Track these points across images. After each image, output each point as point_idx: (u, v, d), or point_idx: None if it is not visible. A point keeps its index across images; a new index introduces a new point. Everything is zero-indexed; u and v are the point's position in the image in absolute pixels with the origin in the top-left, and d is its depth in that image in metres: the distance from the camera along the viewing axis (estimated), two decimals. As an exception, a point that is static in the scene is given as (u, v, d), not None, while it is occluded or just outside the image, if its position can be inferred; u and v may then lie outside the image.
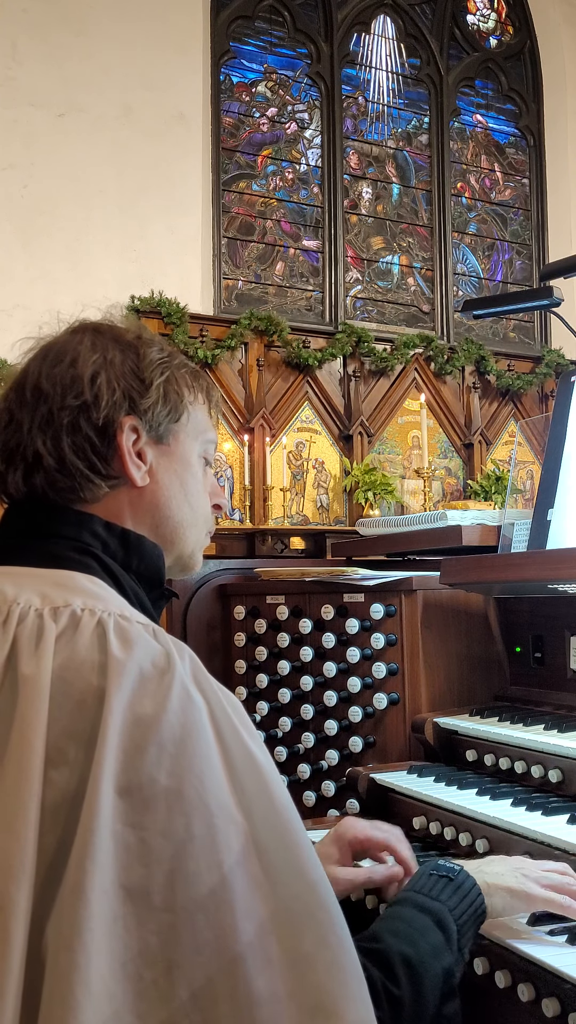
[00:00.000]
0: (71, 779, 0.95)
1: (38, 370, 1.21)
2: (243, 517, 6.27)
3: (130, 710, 0.97)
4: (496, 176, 8.16)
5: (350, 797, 2.20)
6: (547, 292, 2.88)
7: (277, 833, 0.99)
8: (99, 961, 0.89)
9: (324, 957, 0.96)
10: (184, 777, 0.96)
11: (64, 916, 0.91)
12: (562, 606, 2.11)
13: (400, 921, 1.23)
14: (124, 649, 1.01)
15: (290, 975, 0.94)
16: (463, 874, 1.33)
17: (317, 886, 0.99)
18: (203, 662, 1.08)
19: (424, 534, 2.69)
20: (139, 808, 0.94)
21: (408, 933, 1.20)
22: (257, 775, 1.00)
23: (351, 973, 0.97)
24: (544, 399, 7.47)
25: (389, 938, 1.18)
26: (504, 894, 1.36)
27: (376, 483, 6.29)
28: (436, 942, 1.20)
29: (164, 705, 0.98)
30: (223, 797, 0.97)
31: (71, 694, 0.98)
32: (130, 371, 1.22)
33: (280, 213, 7.23)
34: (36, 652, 1.01)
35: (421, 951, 1.17)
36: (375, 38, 7.71)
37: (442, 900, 1.27)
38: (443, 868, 1.34)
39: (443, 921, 1.23)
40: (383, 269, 7.60)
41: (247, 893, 0.95)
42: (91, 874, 0.91)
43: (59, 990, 0.88)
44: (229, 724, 1.01)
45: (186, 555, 1.31)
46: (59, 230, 6.08)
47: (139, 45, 6.41)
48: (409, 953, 1.15)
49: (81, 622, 1.04)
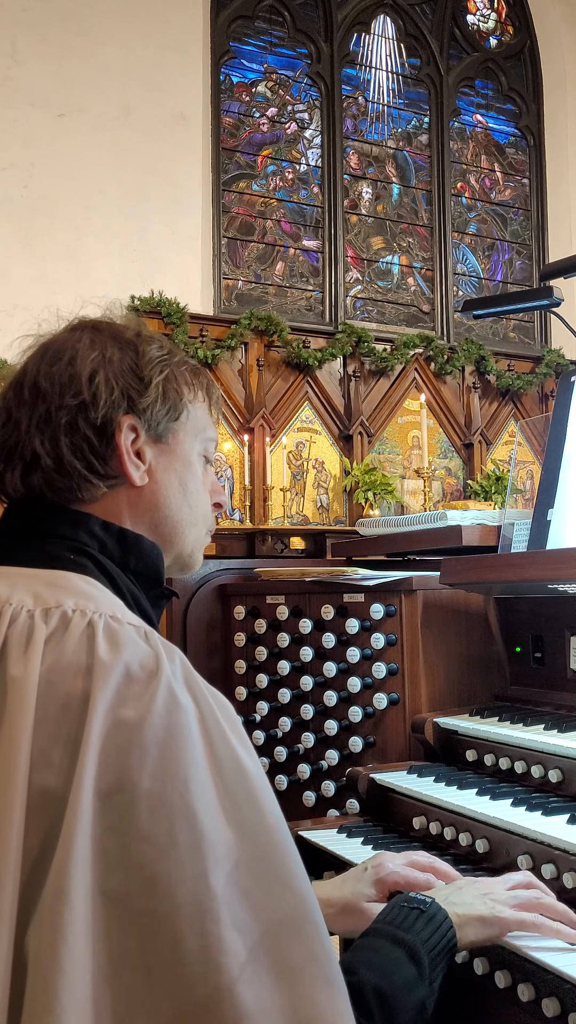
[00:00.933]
0: (56, 783, 0.94)
1: (36, 368, 1.20)
2: (243, 517, 6.27)
3: (113, 711, 0.96)
4: (496, 176, 8.16)
5: (350, 797, 2.20)
6: (547, 292, 2.88)
7: (267, 843, 0.97)
8: (82, 966, 0.88)
9: (313, 969, 0.94)
10: (168, 781, 0.94)
11: (46, 920, 0.90)
12: (562, 606, 2.11)
13: (373, 953, 1.21)
14: (112, 651, 1.00)
15: (279, 987, 0.91)
16: (434, 906, 1.31)
17: (305, 897, 0.97)
18: (203, 662, 1.08)
19: (424, 534, 2.69)
20: (120, 812, 0.93)
21: (381, 966, 1.17)
22: (246, 782, 0.98)
23: (338, 987, 0.96)
24: (544, 399, 7.47)
25: (363, 970, 1.15)
26: (476, 924, 1.33)
27: (376, 483, 6.29)
28: (409, 976, 1.18)
29: (149, 708, 0.96)
30: (210, 803, 0.95)
31: (57, 697, 0.97)
32: (129, 369, 1.21)
33: (280, 213, 7.23)
34: (25, 654, 1.00)
35: (395, 985, 1.15)
36: (375, 38, 7.71)
37: (415, 932, 1.25)
38: (414, 900, 1.31)
39: (416, 954, 1.21)
40: (383, 269, 7.60)
41: (233, 902, 0.92)
42: (73, 878, 0.90)
43: (43, 995, 0.87)
44: (218, 729, 0.99)
45: (186, 554, 1.30)
46: (59, 230, 6.08)
47: (139, 45, 6.41)
48: (383, 986, 1.13)
49: (71, 623, 1.02)
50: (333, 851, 1.87)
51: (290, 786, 2.51)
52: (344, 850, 1.86)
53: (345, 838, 1.95)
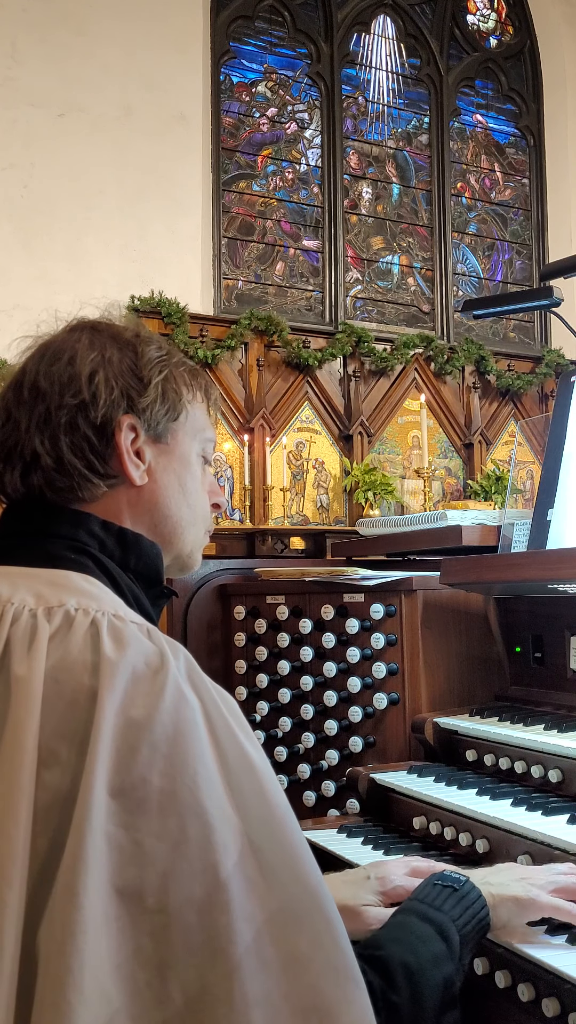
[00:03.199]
0: (63, 780, 0.94)
1: (36, 369, 1.21)
2: (243, 517, 6.27)
3: (122, 710, 0.96)
4: (496, 176, 8.16)
5: (350, 797, 2.20)
6: (547, 292, 2.88)
7: (273, 834, 0.98)
8: (93, 963, 0.88)
9: (319, 958, 0.95)
10: (177, 777, 0.95)
11: (56, 918, 0.90)
12: (562, 606, 2.11)
13: (402, 929, 1.23)
14: (117, 649, 1.00)
15: (285, 977, 0.93)
16: (468, 885, 1.33)
17: (314, 888, 0.98)
18: (203, 662, 1.08)
19: (424, 534, 2.69)
20: (132, 809, 0.93)
21: (410, 941, 1.19)
22: (252, 775, 0.99)
23: (347, 975, 0.96)
24: (544, 399, 7.47)
25: (391, 945, 1.17)
26: (510, 904, 1.36)
27: (376, 483, 6.29)
28: (438, 951, 1.20)
29: (157, 705, 0.97)
30: (218, 797, 0.96)
31: (63, 695, 0.98)
32: (128, 369, 1.21)
33: (280, 213, 7.23)
34: (29, 653, 1.00)
35: (422, 959, 1.17)
36: (375, 38, 7.71)
37: (445, 910, 1.27)
38: (448, 879, 1.34)
39: (445, 931, 1.23)
40: (383, 269, 7.60)
41: (243, 895, 0.94)
42: (83, 876, 0.90)
43: (52, 993, 0.87)
44: (224, 724, 1.00)
45: (185, 554, 1.31)
46: (59, 230, 6.08)
47: (139, 45, 6.41)
48: (410, 961, 1.15)
49: (75, 622, 1.03)
50: (333, 851, 1.87)
51: (290, 786, 2.51)
52: (344, 850, 1.87)
53: (345, 838, 1.95)
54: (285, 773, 2.53)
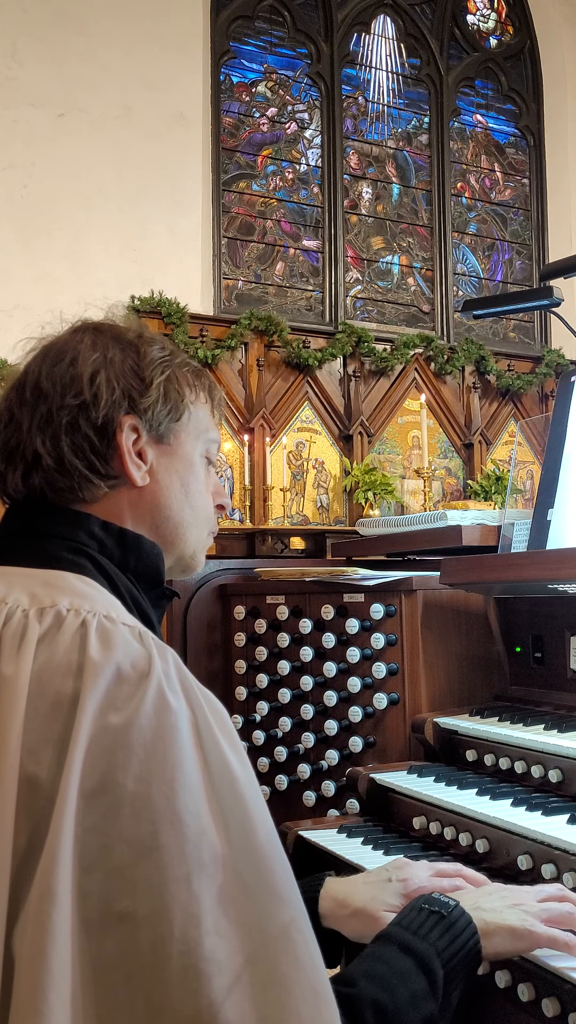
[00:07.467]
0: (44, 782, 0.93)
1: (38, 369, 1.21)
2: (243, 517, 6.27)
3: (101, 713, 0.95)
4: (496, 176, 8.16)
5: (350, 797, 2.20)
6: (547, 292, 2.88)
7: (252, 849, 0.95)
8: (67, 966, 0.87)
9: (299, 980, 0.91)
10: (152, 783, 0.93)
11: (32, 919, 0.89)
12: (562, 606, 2.11)
13: (379, 963, 1.13)
14: (103, 650, 0.99)
15: (263, 998, 0.89)
16: (457, 910, 1.23)
17: (292, 907, 0.95)
18: (203, 662, 1.07)
19: (424, 534, 2.69)
20: (102, 812, 0.92)
21: (386, 977, 1.10)
22: (233, 786, 0.97)
23: (323, 997, 0.93)
24: (544, 399, 7.47)
25: (363, 982, 1.08)
26: (506, 935, 1.26)
27: (376, 483, 6.29)
28: (417, 988, 1.11)
29: (138, 709, 0.95)
30: (197, 807, 0.93)
31: (47, 696, 0.97)
32: (130, 370, 1.21)
33: (280, 213, 7.23)
34: (17, 653, 1.00)
35: (398, 999, 1.08)
36: (375, 38, 7.71)
37: (431, 940, 1.17)
38: (436, 902, 1.24)
39: (428, 964, 1.14)
40: (383, 269, 7.60)
41: (216, 908, 0.90)
42: (58, 878, 0.89)
43: (29, 994, 0.87)
44: (210, 733, 0.98)
45: (187, 555, 1.30)
46: (59, 230, 6.08)
47: (139, 45, 6.41)
48: (383, 1000, 1.07)
49: (65, 622, 1.02)
50: (333, 851, 1.87)
51: (290, 786, 2.51)
52: (344, 850, 1.87)
53: (345, 838, 1.95)
54: (285, 773, 2.54)
